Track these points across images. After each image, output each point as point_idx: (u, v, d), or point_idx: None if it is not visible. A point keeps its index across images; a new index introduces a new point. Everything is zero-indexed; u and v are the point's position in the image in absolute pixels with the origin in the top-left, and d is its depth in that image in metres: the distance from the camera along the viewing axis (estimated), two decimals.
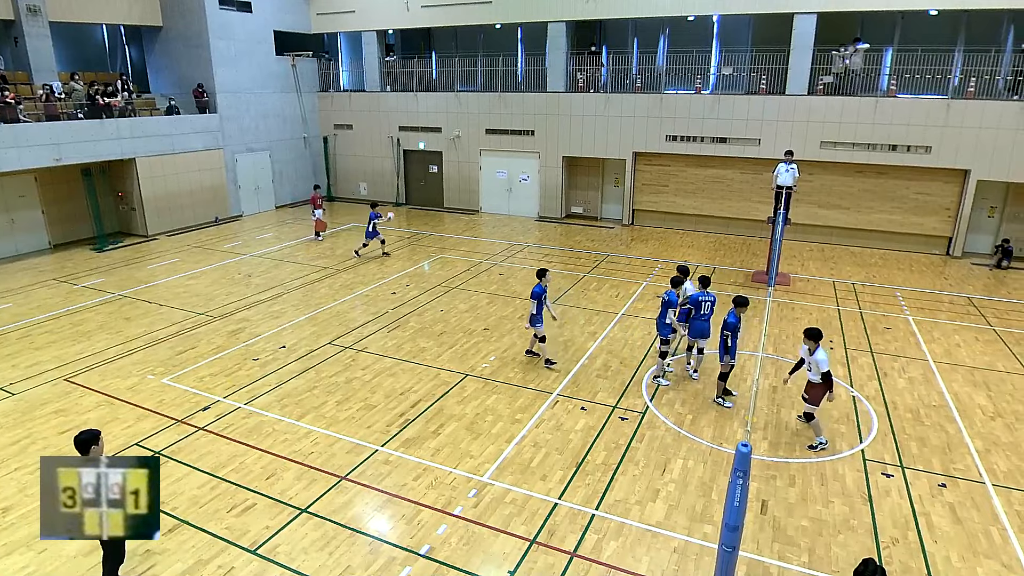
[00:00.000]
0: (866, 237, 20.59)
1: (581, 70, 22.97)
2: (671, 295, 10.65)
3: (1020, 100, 18.22)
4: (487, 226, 23.10)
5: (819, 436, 9.13)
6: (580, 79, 22.96)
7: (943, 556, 7.01)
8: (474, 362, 11.69)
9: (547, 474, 8.33)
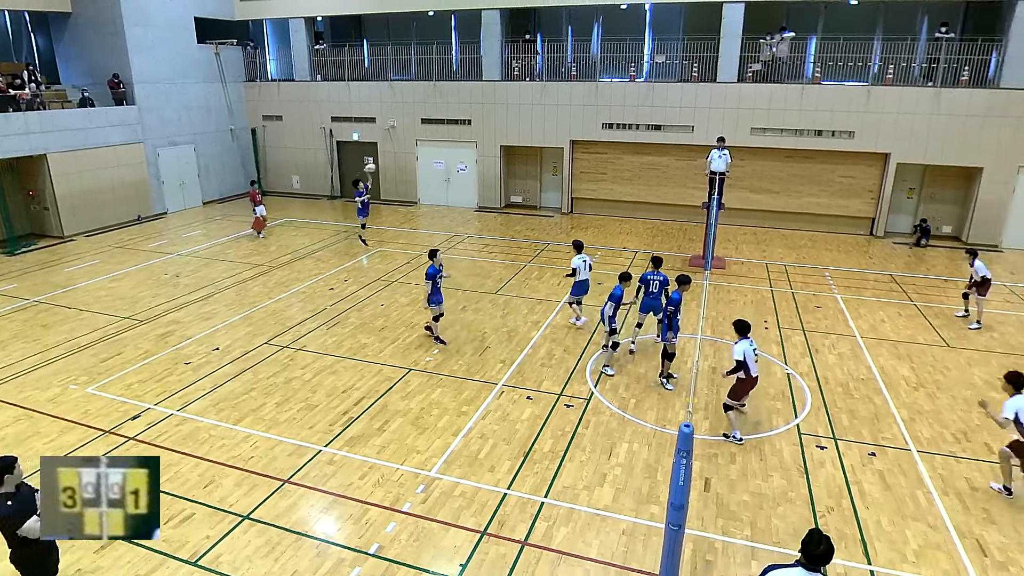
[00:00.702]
0: (796, 220, 21.45)
1: (516, 58, 22.99)
2: (617, 289, 10.73)
3: (934, 86, 19.29)
4: (426, 218, 22.92)
5: (734, 431, 8.97)
6: (516, 67, 22.98)
7: (875, 521, 7.44)
8: (417, 356, 11.62)
9: (495, 465, 8.39)
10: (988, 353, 12.09)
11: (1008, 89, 18.71)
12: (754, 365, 8.93)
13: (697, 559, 6.83)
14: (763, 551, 6.92)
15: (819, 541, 4.48)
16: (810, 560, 4.49)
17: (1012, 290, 15.75)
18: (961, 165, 19.55)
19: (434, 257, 11.82)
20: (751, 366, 8.84)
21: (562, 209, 23.80)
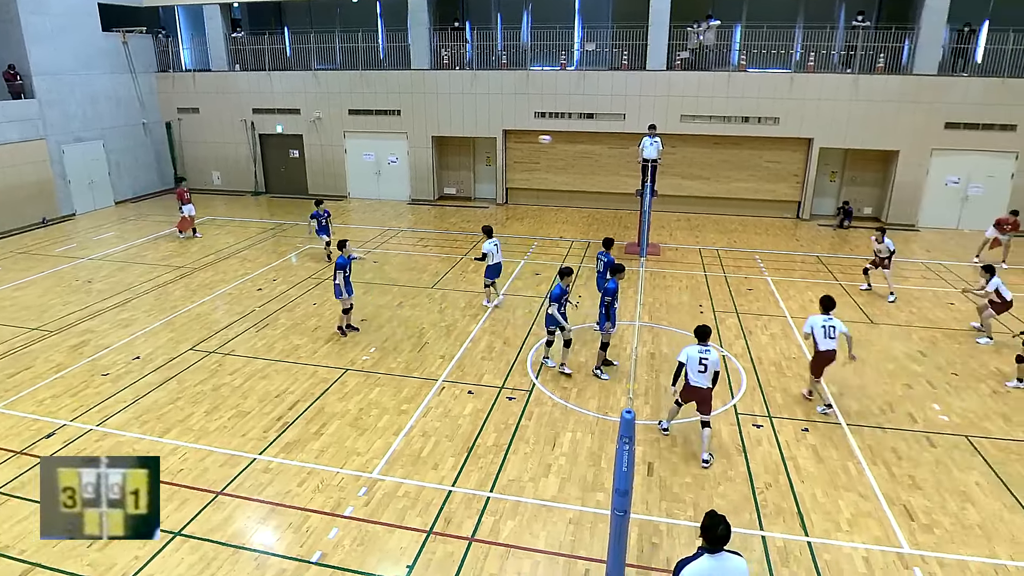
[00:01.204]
0: (726, 205, 22.18)
1: (445, 47, 22.82)
2: (557, 288, 10.37)
3: (852, 73, 20.27)
4: (357, 212, 22.52)
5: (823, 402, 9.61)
6: (445, 56, 22.81)
7: (810, 494, 7.81)
8: (353, 355, 11.44)
9: (439, 462, 8.36)
10: (908, 328, 12.86)
11: (920, 75, 19.87)
12: (824, 340, 9.37)
13: (643, 543, 7.01)
14: None
15: (717, 522, 4.58)
16: (711, 542, 4.58)
17: (928, 267, 16.78)
18: (879, 149, 20.66)
19: (343, 247, 12.09)
20: (819, 340, 9.37)
21: (497, 200, 23.84)
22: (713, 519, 4.62)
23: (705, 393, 8.32)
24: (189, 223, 18.97)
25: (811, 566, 6.68)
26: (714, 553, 4.58)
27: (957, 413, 9.70)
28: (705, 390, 8.32)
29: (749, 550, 6.88)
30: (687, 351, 8.38)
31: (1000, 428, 9.31)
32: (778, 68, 21.04)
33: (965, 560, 6.78)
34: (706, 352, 8.28)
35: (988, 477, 8.18)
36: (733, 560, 4.61)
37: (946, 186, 20.59)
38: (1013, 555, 6.86)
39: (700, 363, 8.26)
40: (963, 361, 11.42)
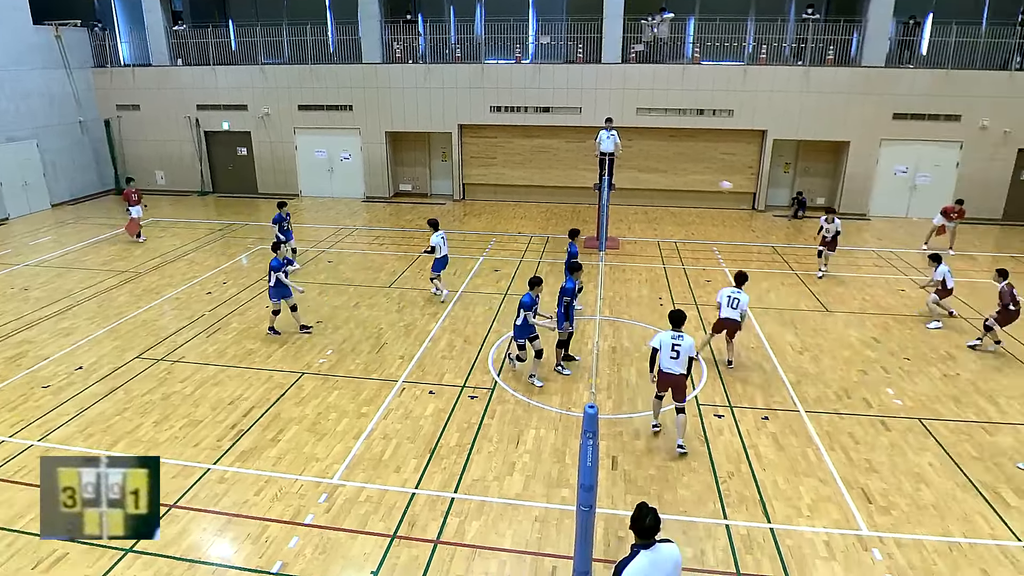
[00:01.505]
0: (683, 197, 22.55)
1: (397, 40, 22.61)
2: (526, 297, 10.04)
3: (803, 65, 20.80)
4: (310, 211, 22.16)
5: None
6: (397, 49, 22.60)
7: (771, 481, 8.02)
8: (310, 358, 11.27)
9: (401, 465, 8.31)
10: (862, 315, 13.29)
11: (868, 67, 20.51)
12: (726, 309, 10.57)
13: (610, 537, 7.09)
14: (672, 521, 7.28)
15: (646, 514, 4.61)
16: (642, 534, 4.61)
17: (879, 255, 17.35)
18: (830, 140, 21.27)
19: (277, 250, 12.01)
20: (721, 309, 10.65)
21: (454, 196, 23.75)
22: (641, 511, 4.64)
23: (679, 379, 8.41)
24: (136, 226, 18.36)
25: (775, 552, 6.85)
26: (649, 547, 4.60)
27: (910, 397, 10.08)
28: (678, 376, 8.40)
29: (714, 539, 7.03)
30: (660, 337, 8.48)
31: (951, 410, 9.70)
32: (731, 61, 21.46)
33: (921, 539, 7.05)
34: (679, 338, 8.38)
35: (941, 458, 8.51)
36: (666, 549, 4.64)
37: (895, 176, 21.33)
38: (966, 532, 7.17)
39: (673, 349, 8.36)
40: (915, 346, 11.86)
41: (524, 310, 9.94)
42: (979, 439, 8.97)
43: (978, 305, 13.81)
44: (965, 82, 20.05)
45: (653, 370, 8.61)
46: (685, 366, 8.38)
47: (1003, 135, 20.23)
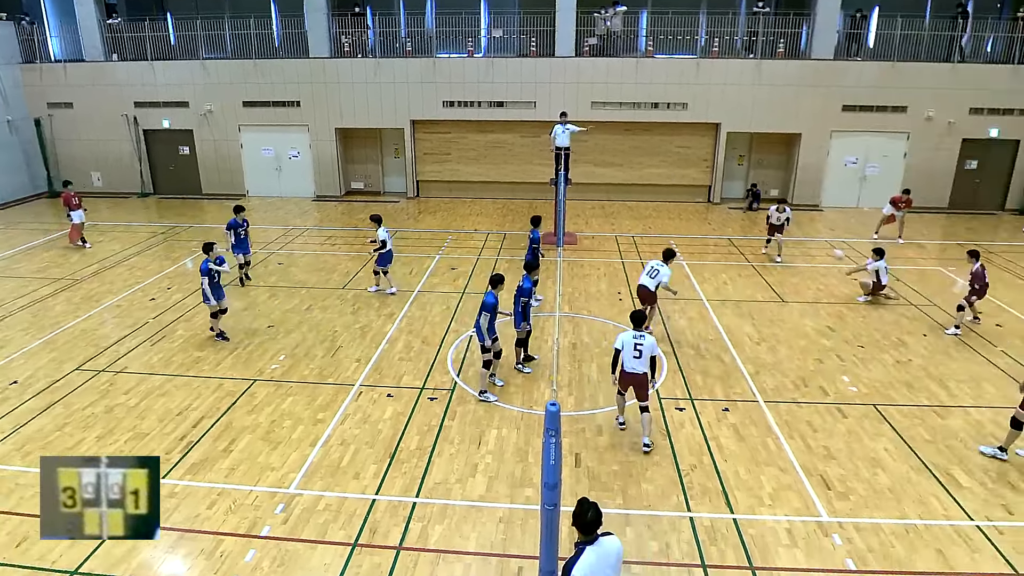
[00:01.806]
0: (640, 191, 22.84)
1: (345, 33, 22.30)
2: (489, 296, 9.70)
3: (755, 58, 21.27)
4: (258, 211, 21.71)
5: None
6: (345, 43, 22.30)
7: (733, 472, 8.19)
8: (261, 364, 11.05)
9: (360, 471, 8.22)
10: (816, 304, 13.68)
11: (817, 60, 21.10)
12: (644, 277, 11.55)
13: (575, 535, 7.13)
14: (636, 516, 7.38)
15: (587, 509, 4.71)
16: (585, 529, 4.70)
17: (832, 245, 17.87)
18: (782, 132, 21.81)
19: (210, 251, 11.66)
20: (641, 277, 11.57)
21: (408, 193, 23.58)
22: (583, 507, 4.73)
23: (641, 378, 8.53)
24: (79, 231, 17.64)
25: (738, 542, 7.01)
26: (593, 542, 4.69)
27: (865, 384, 10.42)
28: (641, 375, 8.52)
29: (679, 532, 7.15)
30: (622, 337, 8.59)
31: (904, 396, 10.06)
32: (684, 54, 21.81)
33: (879, 523, 7.30)
34: (640, 338, 8.52)
35: (895, 443, 8.83)
36: (608, 542, 4.75)
37: (845, 166, 22.01)
38: (921, 514, 7.45)
39: (635, 348, 8.49)
40: (868, 334, 12.26)
41: (487, 311, 9.63)
42: (931, 423, 9.33)
43: (928, 292, 14.36)
44: (910, 74, 20.80)
45: (615, 371, 8.72)
46: (647, 365, 8.50)
47: (947, 126, 21.06)
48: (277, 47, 22.99)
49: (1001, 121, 21.08)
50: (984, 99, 20.91)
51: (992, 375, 10.75)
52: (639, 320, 8.75)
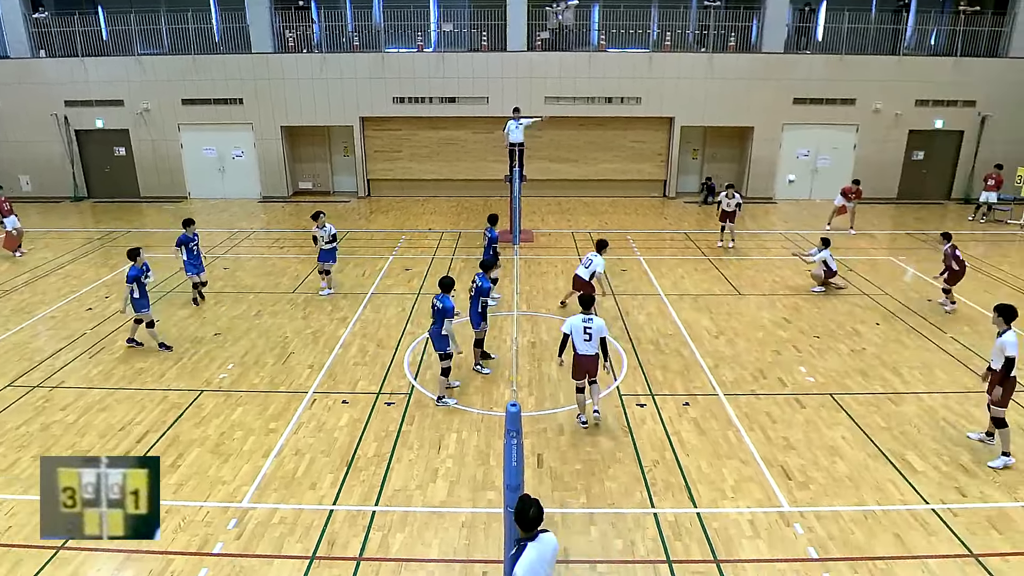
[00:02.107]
0: (595, 187, 23.05)
1: (290, 27, 21.94)
2: (445, 301, 9.37)
3: (707, 52, 21.67)
4: (201, 214, 21.17)
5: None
6: (290, 38, 21.94)
7: (695, 466, 8.34)
8: (209, 374, 10.79)
9: (316, 481, 8.10)
10: (773, 296, 14.03)
11: (768, 53, 21.62)
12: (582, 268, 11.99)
13: None
14: (600, 514, 7.45)
15: (529, 506, 4.77)
16: (528, 527, 4.76)
17: (786, 237, 18.34)
18: (735, 125, 22.28)
19: (136, 257, 11.31)
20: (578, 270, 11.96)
21: (358, 193, 23.34)
22: (525, 504, 4.79)
23: (592, 361, 8.87)
24: (16, 240, 16.88)
25: (702, 536, 7.14)
26: (534, 538, 4.77)
27: (821, 373, 10.72)
28: (592, 357, 8.83)
29: (643, 528, 7.24)
30: (571, 321, 8.91)
31: (859, 384, 10.40)
32: (637, 48, 22.09)
33: (839, 511, 7.52)
34: (589, 321, 8.83)
35: (852, 431, 9.11)
36: (547, 538, 4.87)
37: (797, 159, 22.63)
38: (879, 500, 7.70)
39: (585, 332, 8.79)
40: (823, 324, 12.63)
41: (449, 316, 9.30)
42: (886, 409, 9.66)
43: (879, 281, 14.86)
44: (858, 67, 21.48)
45: (562, 354, 9.02)
46: (597, 347, 8.85)
47: (895, 117, 21.83)
48: (217, 42, 22.48)
49: (945, 112, 21.96)
50: (929, 91, 21.75)
51: (943, 361, 11.19)
52: (587, 303, 9.06)
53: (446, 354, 9.56)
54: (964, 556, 6.84)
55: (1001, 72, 21.66)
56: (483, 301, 10.38)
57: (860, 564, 6.73)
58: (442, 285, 9.57)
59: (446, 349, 9.51)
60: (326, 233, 13.80)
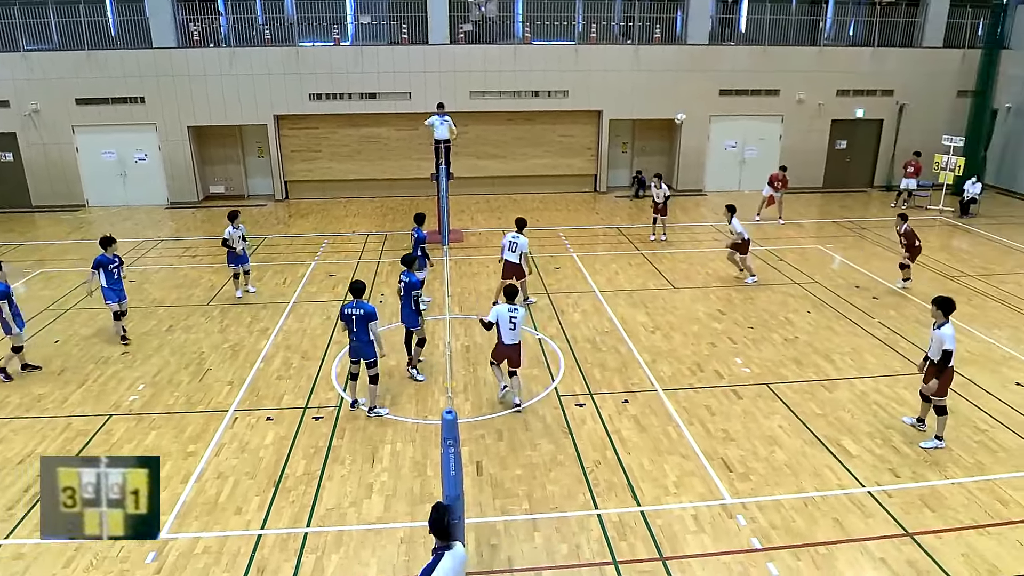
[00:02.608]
0: (525, 183, 23.21)
1: (194, 20, 21.18)
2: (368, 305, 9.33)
3: (633, 44, 22.12)
4: (101, 224, 20.22)
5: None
6: (195, 31, 21.18)
7: (637, 464, 8.50)
8: (117, 397, 10.31)
9: (242, 505, 7.85)
10: (706, 289, 14.46)
11: (693, 45, 22.24)
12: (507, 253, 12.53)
13: (482, 547, 7.17)
14: (543, 519, 7.50)
15: (443, 514, 4.97)
16: (443, 536, 4.91)
17: (717, 229, 18.92)
18: (663, 118, 22.79)
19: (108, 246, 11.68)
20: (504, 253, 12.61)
21: (275, 196, 22.76)
22: (439, 511, 4.93)
23: (515, 349, 9.54)
24: None
25: (647, 535, 7.28)
26: (451, 547, 4.94)
27: (756, 364, 11.12)
28: (516, 347, 9.53)
29: (587, 531, 7.33)
30: (497, 311, 9.44)
31: (793, 372, 10.83)
32: (562, 40, 22.36)
33: (779, 499, 7.82)
34: (515, 311, 9.41)
35: (789, 419, 9.48)
36: (458, 547, 5.09)
37: (725, 150, 23.38)
38: (817, 486, 8.05)
39: (510, 321, 9.36)
40: (756, 314, 13.09)
41: (372, 320, 9.22)
42: (820, 396, 10.11)
43: (808, 270, 15.51)
44: (781, 58, 22.38)
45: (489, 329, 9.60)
46: (520, 336, 9.54)
47: (817, 107, 22.84)
48: (114, 37, 21.47)
49: (866, 102, 23.13)
50: (849, 81, 22.87)
51: (871, 346, 11.78)
52: (511, 294, 9.63)
53: (374, 362, 9.44)
54: (900, 536, 7.22)
55: (916, 62, 22.98)
56: (416, 296, 10.30)
57: (802, 551, 7.01)
58: (354, 291, 9.39)
59: (374, 356, 9.39)
60: (239, 234, 13.69)
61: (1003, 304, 13.61)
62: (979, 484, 8.08)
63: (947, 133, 21.37)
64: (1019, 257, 16.62)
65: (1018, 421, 9.42)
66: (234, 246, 13.63)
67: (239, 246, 13.71)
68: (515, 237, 12.67)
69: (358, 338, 9.28)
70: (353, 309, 9.19)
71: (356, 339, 9.30)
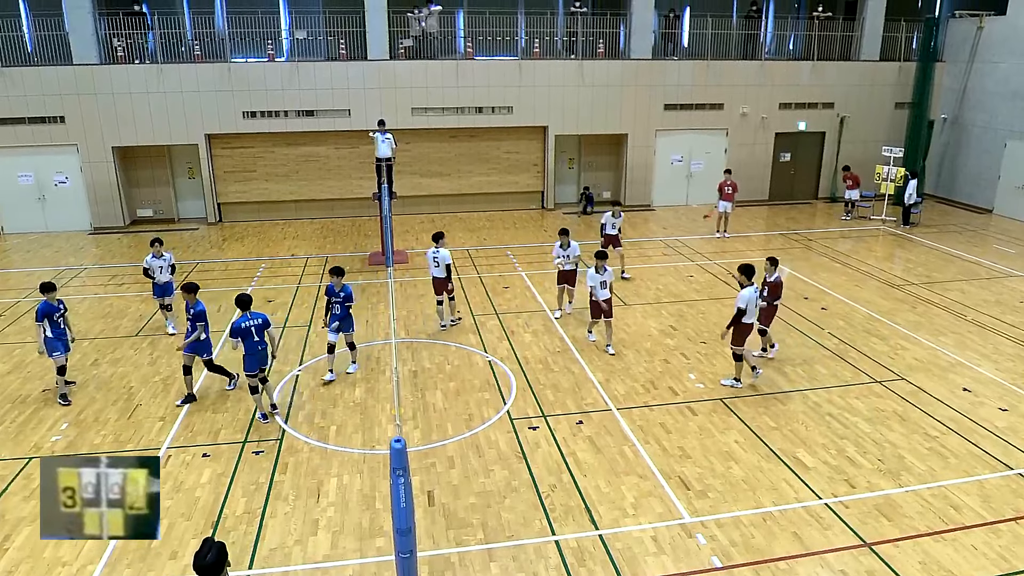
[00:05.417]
0: (471, 201, 23.25)
1: (118, 35, 20.66)
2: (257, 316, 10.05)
3: (576, 59, 22.50)
4: (18, 252, 19.43)
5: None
6: (119, 47, 20.65)
7: (594, 486, 8.51)
8: (38, 438, 9.85)
9: (177, 549, 7.56)
10: (658, 304, 14.66)
11: (637, 60, 22.75)
12: (433, 268, 12.89)
13: None
14: (499, 549, 7.43)
15: (206, 551, 4.54)
16: (201, 573, 4.48)
17: (666, 243, 19.26)
18: (609, 133, 23.22)
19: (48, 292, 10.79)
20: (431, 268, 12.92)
21: (208, 219, 22.25)
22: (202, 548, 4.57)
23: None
24: None
25: (606, 559, 7.28)
26: None
27: (710, 379, 11.30)
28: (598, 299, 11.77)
29: (545, 558, 7.29)
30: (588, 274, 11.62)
31: (747, 386, 11.03)
32: (504, 55, 22.59)
33: (738, 515, 7.93)
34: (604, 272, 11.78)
35: (744, 434, 9.65)
36: None
37: (672, 165, 23.89)
38: (775, 500, 8.19)
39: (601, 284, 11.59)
40: (708, 329, 13.32)
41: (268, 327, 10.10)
42: (774, 409, 10.32)
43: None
44: (723, 72, 23.07)
45: None
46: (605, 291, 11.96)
47: (761, 121, 23.58)
48: (30, 52, 20.78)
49: (807, 115, 24.00)
50: (791, 94, 23.71)
51: (822, 356, 12.12)
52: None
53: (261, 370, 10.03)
54: (859, 547, 7.39)
55: (855, 75, 23.98)
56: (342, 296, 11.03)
57: (763, 567, 7.11)
58: (241, 304, 9.97)
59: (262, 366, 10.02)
60: (165, 263, 13.34)
61: (947, 311, 14.19)
62: (932, 491, 8.36)
63: (887, 144, 22.32)
64: (960, 265, 17.37)
65: (967, 426, 9.79)
66: (154, 276, 13.26)
67: (162, 277, 13.28)
68: (435, 252, 12.96)
69: (261, 346, 9.96)
70: (249, 321, 9.87)
71: (260, 347, 9.96)
